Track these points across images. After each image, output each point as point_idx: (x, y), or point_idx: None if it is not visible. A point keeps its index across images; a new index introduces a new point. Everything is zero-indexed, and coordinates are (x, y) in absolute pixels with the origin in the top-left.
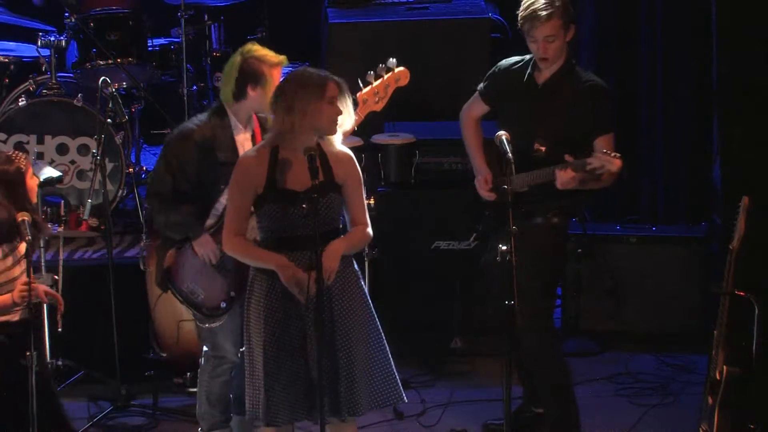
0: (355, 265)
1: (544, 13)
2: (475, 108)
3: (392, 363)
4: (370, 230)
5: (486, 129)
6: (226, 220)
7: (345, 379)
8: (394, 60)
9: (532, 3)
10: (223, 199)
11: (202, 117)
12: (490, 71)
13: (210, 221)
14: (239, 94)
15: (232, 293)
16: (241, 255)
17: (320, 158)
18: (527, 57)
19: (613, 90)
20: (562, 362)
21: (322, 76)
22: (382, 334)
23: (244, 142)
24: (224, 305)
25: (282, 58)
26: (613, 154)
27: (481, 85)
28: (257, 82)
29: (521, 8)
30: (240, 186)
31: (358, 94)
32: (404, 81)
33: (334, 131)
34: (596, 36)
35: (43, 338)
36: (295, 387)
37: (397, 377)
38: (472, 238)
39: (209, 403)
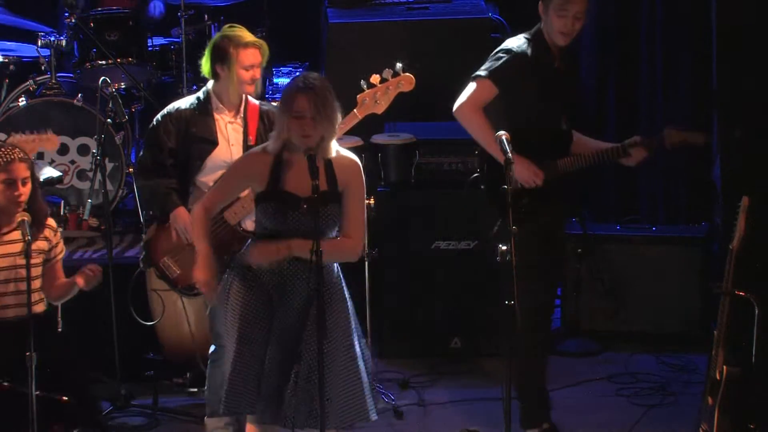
0: (339, 275)
1: None
2: (483, 96)
3: (364, 380)
4: (356, 247)
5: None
6: (210, 190)
7: (312, 392)
8: (401, 65)
9: None
10: (205, 179)
11: (191, 95)
12: (506, 56)
13: (194, 200)
14: (213, 73)
15: None
16: (192, 223)
17: (326, 167)
18: (525, 39)
19: (613, 90)
20: None
21: (294, 88)
22: (359, 349)
23: (227, 124)
24: None
25: (254, 40)
26: (696, 131)
27: (490, 70)
28: (223, 62)
29: None
30: (236, 171)
31: (358, 96)
32: (407, 87)
33: (304, 144)
34: (596, 36)
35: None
36: (258, 383)
37: (368, 395)
38: (497, 226)
39: (210, 389)
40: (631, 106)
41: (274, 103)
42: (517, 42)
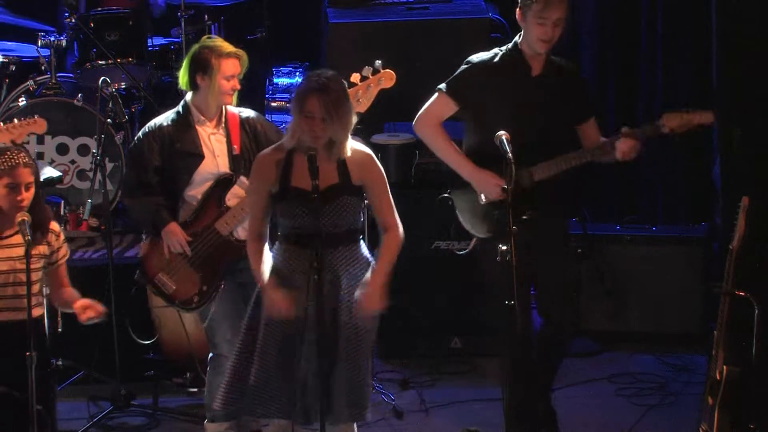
0: (368, 259)
1: None
2: (440, 111)
3: (368, 379)
4: (400, 231)
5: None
6: (249, 222)
7: (332, 387)
8: (380, 62)
9: None
10: (193, 192)
11: (170, 111)
12: (464, 69)
13: (184, 214)
14: (192, 84)
15: (204, 287)
16: (250, 259)
17: (338, 162)
18: (499, 50)
19: (613, 90)
20: None
21: (307, 88)
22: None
23: (210, 135)
24: (197, 299)
25: (234, 50)
26: (699, 110)
27: (449, 85)
28: (204, 72)
29: None
30: (254, 183)
31: None
32: (388, 83)
33: (313, 144)
34: (596, 36)
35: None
36: (282, 384)
37: (367, 395)
38: (471, 244)
39: (211, 396)
40: (630, 106)
41: (276, 103)
42: (481, 54)
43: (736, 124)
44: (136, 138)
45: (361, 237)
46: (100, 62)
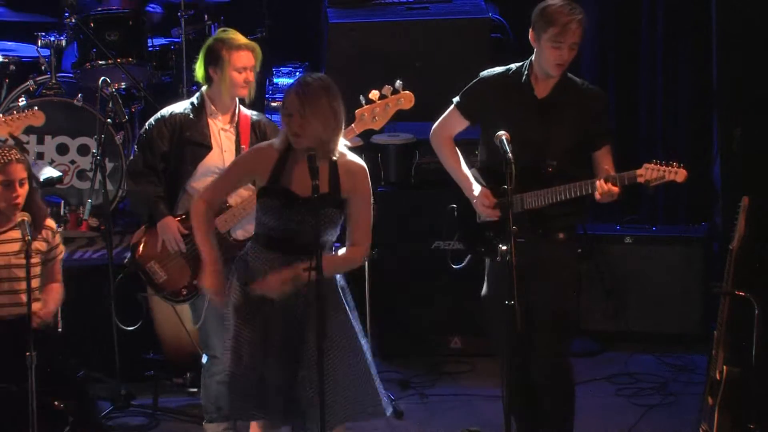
0: (337, 282)
1: (579, 17)
2: (452, 125)
3: (373, 378)
4: (363, 254)
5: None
6: (209, 184)
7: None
8: (401, 82)
9: (561, 6)
10: (195, 184)
11: (185, 100)
12: (473, 83)
13: (183, 205)
14: (206, 77)
15: (195, 282)
16: (194, 220)
17: (330, 169)
18: (513, 67)
19: (613, 90)
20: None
21: (290, 87)
22: (363, 351)
23: (220, 130)
24: (185, 292)
25: (246, 42)
26: (674, 164)
27: (460, 99)
28: (216, 65)
29: (542, 10)
30: (241, 164)
31: (356, 111)
32: (407, 104)
33: (296, 144)
34: (596, 36)
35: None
36: (261, 385)
37: (378, 391)
38: (466, 260)
39: (206, 397)
40: (630, 107)
41: (276, 103)
42: (494, 69)
43: (736, 124)
44: (148, 123)
45: (333, 246)
46: (100, 62)
